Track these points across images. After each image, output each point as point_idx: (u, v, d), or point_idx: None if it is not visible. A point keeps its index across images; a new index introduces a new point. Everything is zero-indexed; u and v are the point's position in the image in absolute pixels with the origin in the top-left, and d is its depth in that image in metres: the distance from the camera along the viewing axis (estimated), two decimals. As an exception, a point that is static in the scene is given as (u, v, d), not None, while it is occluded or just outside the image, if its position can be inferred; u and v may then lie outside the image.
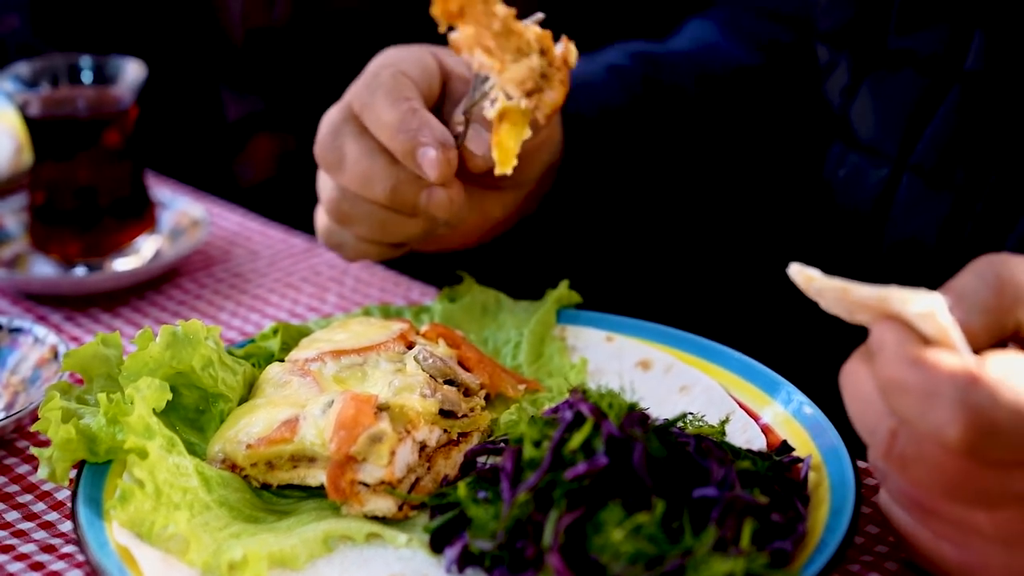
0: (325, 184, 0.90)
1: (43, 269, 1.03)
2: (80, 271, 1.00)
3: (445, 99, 0.90)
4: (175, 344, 0.76)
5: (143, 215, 1.03)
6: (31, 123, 1.00)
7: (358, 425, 0.72)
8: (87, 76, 1.02)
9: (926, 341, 0.63)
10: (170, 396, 0.74)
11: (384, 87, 0.86)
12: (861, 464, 0.73)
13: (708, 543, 0.64)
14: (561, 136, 0.98)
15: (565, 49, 0.79)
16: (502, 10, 0.76)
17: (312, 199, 0.97)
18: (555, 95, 0.79)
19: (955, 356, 0.62)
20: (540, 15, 0.79)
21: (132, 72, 1.01)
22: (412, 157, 0.83)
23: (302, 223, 1.12)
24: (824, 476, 0.73)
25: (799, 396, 0.79)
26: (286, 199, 1.34)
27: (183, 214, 1.07)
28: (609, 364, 0.86)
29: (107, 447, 0.72)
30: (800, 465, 0.74)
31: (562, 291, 0.90)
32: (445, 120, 0.87)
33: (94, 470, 0.72)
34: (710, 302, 1.20)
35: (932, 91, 1.01)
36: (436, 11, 0.75)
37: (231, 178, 1.41)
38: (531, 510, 0.66)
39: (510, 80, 0.77)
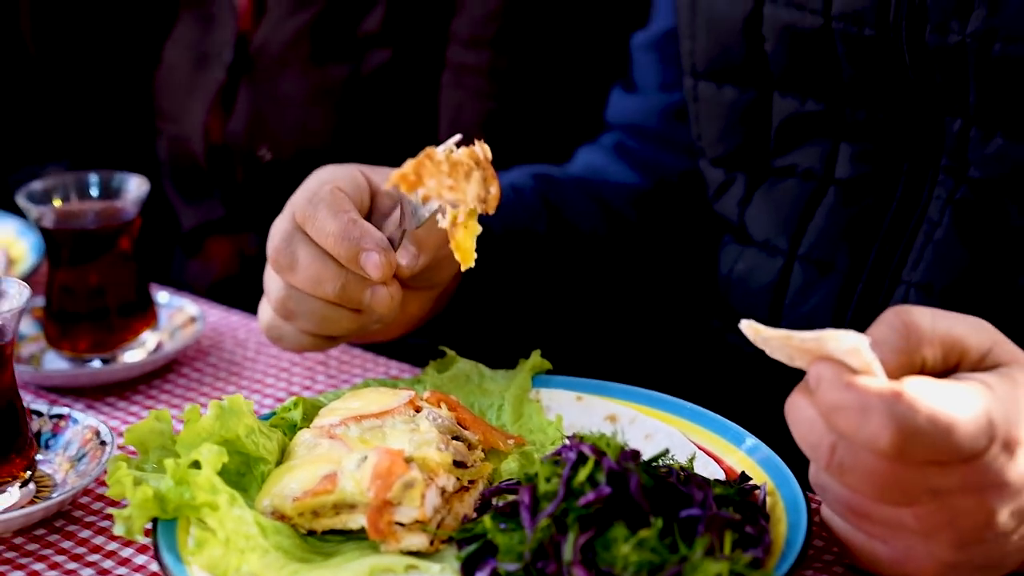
0: (274, 283, 1.03)
1: (57, 364, 1.13)
2: (95, 364, 1.11)
3: (372, 211, 1.04)
4: (223, 416, 0.88)
5: (147, 312, 1.14)
6: (47, 234, 1.11)
7: (392, 474, 0.84)
8: (95, 191, 1.13)
9: (855, 372, 0.79)
10: (227, 459, 0.85)
11: (325, 201, 0.99)
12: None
13: (701, 551, 0.78)
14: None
15: (483, 150, 0.93)
16: (443, 154, 0.90)
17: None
18: (495, 189, 0.93)
19: (881, 379, 0.78)
20: (457, 136, 0.93)
21: (135, 186, 1.13)
22: (356, 261, 0.97)
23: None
24: (779, 499, 0.87)
25: (748, 436, 0.94)
26: (250, 294, 1.46)
27: (180, 311, 1.19)
28: (580, 419, 1.00)
29: (175, 505, 0.83)
30: (758, 492, 0.88)
31: (535, 359, 1.04)
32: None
33: (165, 525, 0.83)
34: (658, 362, 1.35)
35: (813, 195, 1.21)
36: (398, 184, 0.89)
37: (193, 276, 1.53)
38: (551, 533, 0.79)
39: (472, 198, 0.92)
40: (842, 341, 0.77)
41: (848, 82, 1.17)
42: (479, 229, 0.93)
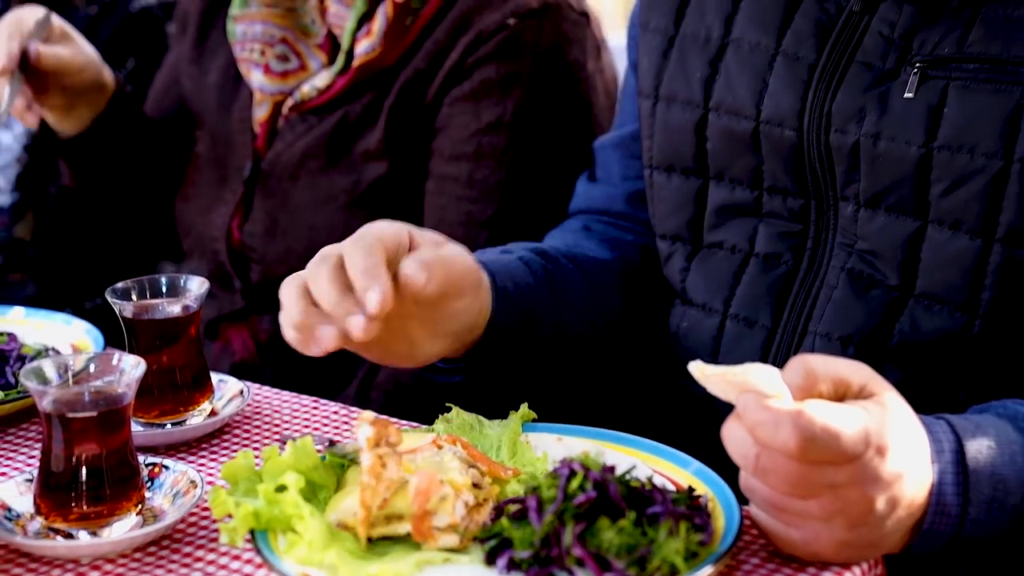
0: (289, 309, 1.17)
1: (134, 427, 1.37)
2: (168, 427, 1.36)
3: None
4: (296, 453, 1.14)
5: (206, 386, 1.40)
6: (127, 323, 1.36)
7: (430, 491, 1.10)
8: (163, 289, 1.39)
9: (769, 397, 1.06)
10: (303, 486, 1.11)
11: (366, 241, 1.15)
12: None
13: (664, 534, 1.05)
14: (489, 306, 1.34)
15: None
16: (455, 470, 1.13)
17: (296, 375, 1.34)
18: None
19: (789, 401, 1.05)
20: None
21: (197, 285, 1.38)
22: (361, 293, 1.11)
23: (302, 388, 1.51)
24: (717, 504, 1.13)
25: (693, 461, 1.20)
26: (269, 374, 1.72)
27: (226, 384, 1.44)
28: (561, 455, 1.24)
29: (267, 518, 1.08)
30: (701, 499, 1.15)
31: (523, 411, 1.29)
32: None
33: (261, 533, 1.08)
34: (625, 405, 1.62)
35: (739, 265, 1.47)
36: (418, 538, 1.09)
37: (215, 358, 1.78)
38: (554, 527, 1.06)
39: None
40: (760, 371, 1.05)
41: (767, 175, 1.43)
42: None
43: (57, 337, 1.56)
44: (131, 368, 1.16)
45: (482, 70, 1.70)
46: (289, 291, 1.16)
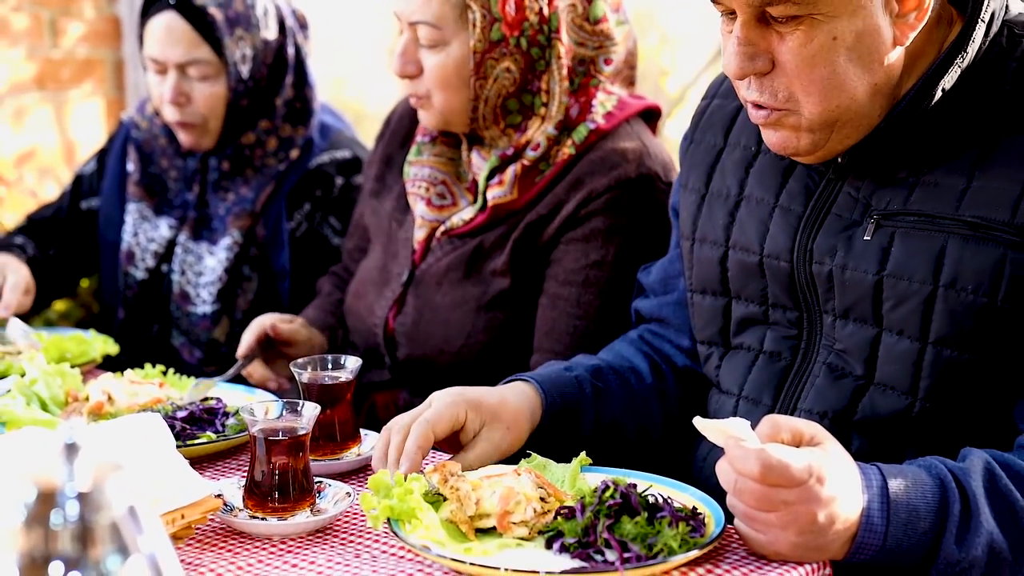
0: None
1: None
2: (328, 462, 1.82)
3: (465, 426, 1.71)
4: (417, 477, 1.60)
5: (357, 437, 1.87)
6: (303, 386, 1.84)
7: (510, 498, 1.54)
8: (330, 364, 1.88)
9: (744, 440, 1.48)
10: (424, 491, 1.56)
11: (420, 425, 1.65)
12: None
13: (665, 525, 1.47)
14: (539, 415, 1.80)
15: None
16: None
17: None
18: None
19: (756, 444, 1.46)
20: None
21: (353, 361, 1.86)
22: (395, 464, 1.64)
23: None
24: (711, 516, 1.56)
25: (695, 490, 1.62)
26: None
27: (368, 437, 1.91)
28: (607, 488, 1.69)
29: (399, 511, 1.52)
30: (700, 514, 1.57)
31: (581, 457, 1.73)
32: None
33: (394, 521, 1.53)
34: (659, 456, 1.98)
35: (752, 361, 1.79)
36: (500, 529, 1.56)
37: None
38: (592, 521, 1.49)
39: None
40: (739, 424, 1.47)
41: (771, 295, 1.75)
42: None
43: (241, 400, 2.06)
44: (309, 412, 1.64)
45: (591, 221, 2.11)
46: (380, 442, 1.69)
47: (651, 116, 2.29)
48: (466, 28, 2.08)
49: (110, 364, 2.36)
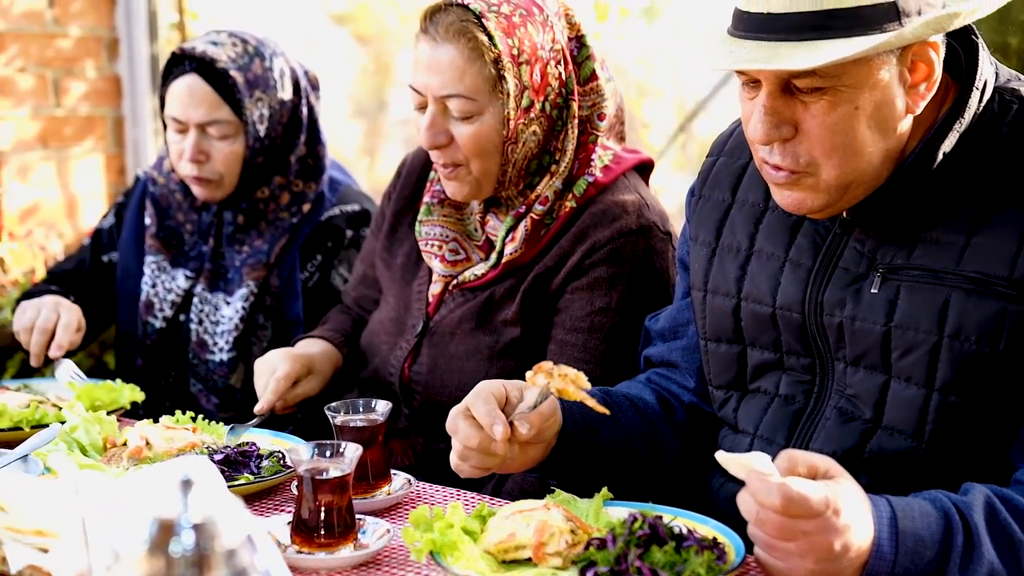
0: (454, 443, 1.75)
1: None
2: (365, 500, 1.90)
3: (507, 403, 1.76)
4: (456, 509, 1.68)
5: (388, 476, 1.95)
6: (336, 428, 1.92)
7: (545, 530, 1.62)
8: (361, 407, 1.96)
9: (766, 475, 1.57)
10: (464, 525, 1.65)
11: (481, 398, 1.73)
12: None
13: (692, 554, 1.56)
14: (560, 424, 1.86)
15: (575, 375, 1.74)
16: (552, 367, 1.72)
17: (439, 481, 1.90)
18: (582, 381, 1.73)
19: (777, 477, 1.52)
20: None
21: (383, 405, 1.95)
22: (490, 428, 1.70)
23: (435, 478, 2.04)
24: (730, 546, 1.65)
25: (715, 522, 1.72)
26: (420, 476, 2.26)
27: (398, 476, 1.99)
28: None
29: (440, 545, 1.61)
30: (720, 544, 1.66)
31: (604, 492, 1.81)
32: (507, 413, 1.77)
33: (436, 553, 1.61)
34: (680, 489, 2.05)
35: (768, 403, 1.86)
36: (536, 370, 1.70)
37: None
38: (624, 551, 1.58)
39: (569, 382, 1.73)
40: (760, 458, 1.55)
41: (784, 343, 1.82)
42: (578, 395, 1.71)
43: (268, 442, 2.14)
44: (351, 452, 1.72)
45: (595, 271, 2.19)
46: (455, 425, 1.76)
47: (644, 169, 2.39)
48: (498, 97, 2.16)
49: (130, 411, 2.42)
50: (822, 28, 1.58)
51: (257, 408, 2.26)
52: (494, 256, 2.28)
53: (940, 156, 1.68)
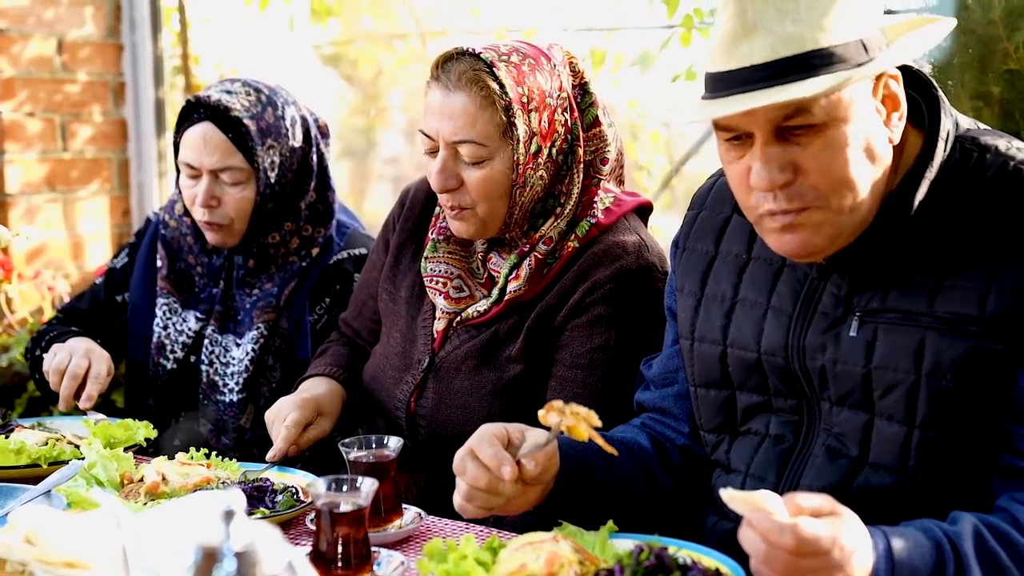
0: (459, 484, 1.80)
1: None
2: (379, 534, 1.96)
3: (509, 444, 1.80)
4: (468, 541, 1.73)
5: (400, 510, 2.00)
6: (350, 463, 1.98)
7: (555, 561, 1.68)
8: (375, 444, 2.02)
9: (772, 513, 1.61)
10: (477, 556, 1.70)
11: (486, 440, 1.77)
12: None
13: (697, 583, 1.63)
14: (559, 467, 1.90)
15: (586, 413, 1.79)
16: (563, 405, 1.77)
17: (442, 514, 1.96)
18: (593, 420, 1.78)
19: (785, 516, 1.52)
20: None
21: (395, 441, 2.01)
22: (498, 469, 1.74)
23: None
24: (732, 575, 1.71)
25: (721, 555, 1.77)
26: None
27: (408, 510, 2.05)
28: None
29: (454, 574, 1.67)
30: (724, 573, 1.72)
31: (609, 525, 1.87)
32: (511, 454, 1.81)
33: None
34: (682, 524, 2.10)
35: (759, 443, 1.92)
36: (548, 410, 1.75)
37: None
38: (630, 580, 1.64)
39: (579, 422, 1.78)
40: (767, 496, 1.58)
41: (771, 386, 1.89)
42: (588, 433, 1.76)
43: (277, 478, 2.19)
44: (367, 487, 1.78)
45: (595, 308, 2.25)
46: (462, 466, 1.80)
47: (644, 211, 2.46)
48: (508, 144, 2.23)
49: (142, 449, 2.47)
50: (805, 69, 1.66)
51: (269, 456, 2.30)
52: (496, 292, 2.34)
53: (915, 204, 1.75)
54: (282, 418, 2.35)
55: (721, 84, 1.72)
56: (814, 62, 1.66)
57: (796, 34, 1.66)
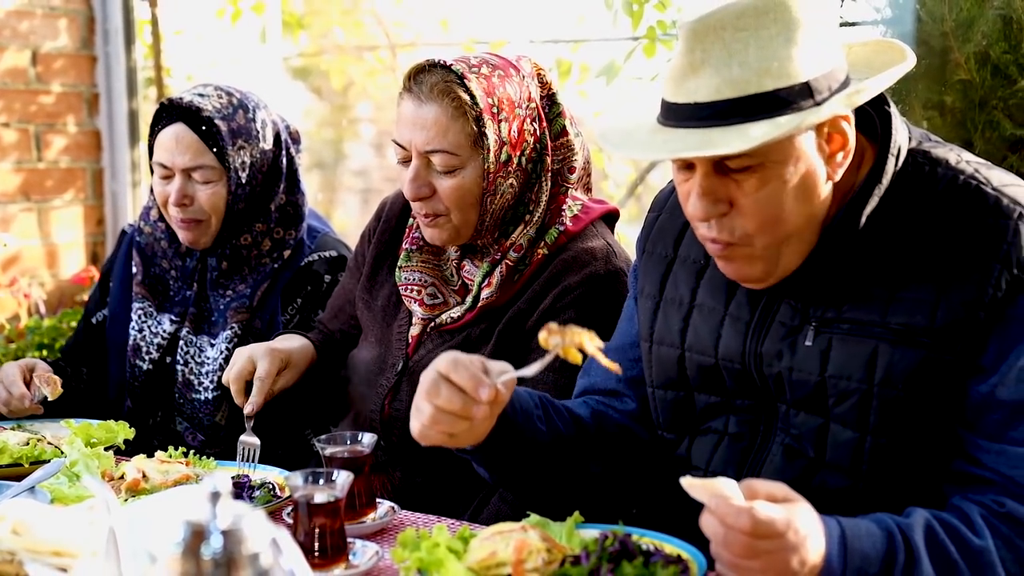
0: (424, 407, 1.75)
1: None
2: (354, 526, 2.01)
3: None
4: (441, 531, 1.79)
5: (373, 504, 2.05)
6: (326, 459, 2.03)
7: (524, 549, 1.74)
8: (349, 441, 2.07)
9: (731, 498, 1.67)
10: (450, 544, 1.76)
11: (462, 363, 1.73)
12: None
13: (659, 567, 1.68)
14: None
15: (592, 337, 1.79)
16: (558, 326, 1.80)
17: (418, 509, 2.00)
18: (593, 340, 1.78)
19: (742, 501, 1.59)
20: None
21: (370, 438, 2.06)
22: (475, 391, 1.70)
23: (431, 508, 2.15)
24: (693, 562, 1.77)
25: (683, 542, 1.84)
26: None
27: (383, 504, 2.10)
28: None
29: (427, 563, 1.71)
30: (684, 559, 1.78)
31: (576, 516, 1.92)
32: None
33: (423, 572, 1.72)
34: (646, 511, 2.14)
35: (717, 441, 1.96)
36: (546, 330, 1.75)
37: None
38: (596, 566, 1.70)
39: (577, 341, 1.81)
40: (725, 483, 1.65)
41: (730, 389, 1.93)
42: (578, 359, 1.76)
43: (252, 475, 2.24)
44: (343, 479, 1.83)
45: (566, 313, 2.28)
46: (436, 389, 1.76)
47: (611, 218, 2.53)
48: (479, 152, 2.29)
49: (120, 450, 2.51)
50: (746, 112, 1.69)
51: (247, 410, 2.36)
52: (470, 299, 2.40)
53: (864, 219, 1.80)
54: (250, 363, 2.41)
55: (670, 114, 1.78)
56: (755, 107, 1.68)
57: (740, 78, 1.68)
